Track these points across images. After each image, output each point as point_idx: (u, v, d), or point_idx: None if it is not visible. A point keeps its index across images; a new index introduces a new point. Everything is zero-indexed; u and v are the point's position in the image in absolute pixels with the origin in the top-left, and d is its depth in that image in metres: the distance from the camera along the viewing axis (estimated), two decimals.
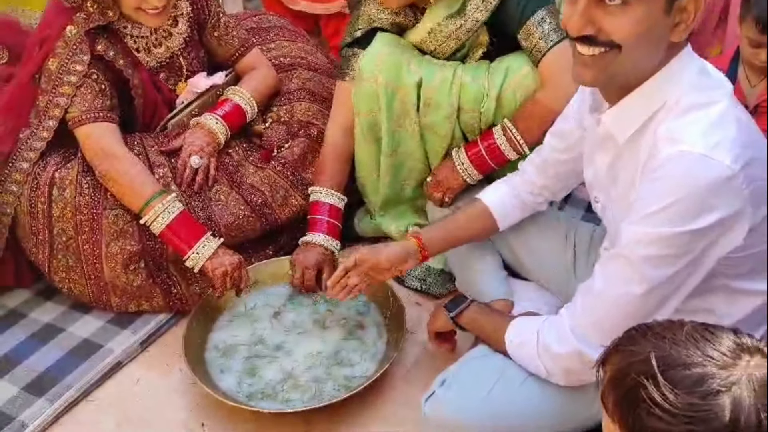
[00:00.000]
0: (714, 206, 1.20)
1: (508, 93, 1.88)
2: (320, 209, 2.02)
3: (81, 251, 1.91)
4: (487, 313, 1.61)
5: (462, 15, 1.89)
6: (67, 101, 1.89)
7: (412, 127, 1.98)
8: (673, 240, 1.23)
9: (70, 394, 1.77)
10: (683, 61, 1.27)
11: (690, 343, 0.92)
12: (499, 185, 1.80)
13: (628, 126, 1.31)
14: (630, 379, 0.91)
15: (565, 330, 1.38)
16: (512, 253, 1.90)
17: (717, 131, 1.21)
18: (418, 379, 1.78)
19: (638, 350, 0.93)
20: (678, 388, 0.87)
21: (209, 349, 1.87)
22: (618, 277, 1.31)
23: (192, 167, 1.98)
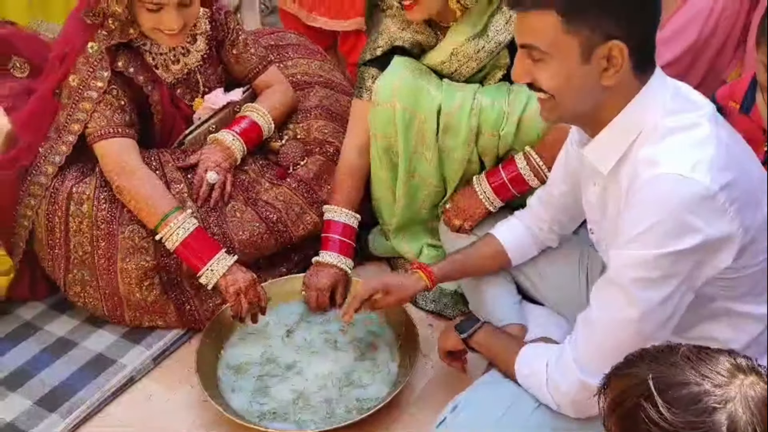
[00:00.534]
0: (696, 226, 1.22)
1: (530, 119, 1.86)
2: (334, 228, 2.02)
3: (96, 266, 1.92)
4: (499, 337, 1.61)
5: (484, 36, 1.89)
6: (86, 117, 1.91)
7: (430, 152, 1.97)
8: (659, 261, 1.24)
9: (83, 410, 1.78)
10: (654, 89, 1.30)
11: (686, 364, 0.94)
12: (513, 222, 1.81)
13: (609, 157, 1.34)
14: (629, 402, 0.94)
15: (569, 363, 1.38)
16: (526, 278, 1.89)
17: (695, 152, 1.23)
18: (430, 403, 1.78)
19: (636, 373, 0.96)
20: (675, 407, 0.90)
21: (221, 366, 1.87)
22: (612, 304, 1.32)
23: (209, 183, 1.98)
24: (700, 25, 2.50)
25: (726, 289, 1.35)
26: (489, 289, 1.88)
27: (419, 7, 1.84)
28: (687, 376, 0.93)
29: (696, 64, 2.54)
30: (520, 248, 1.81)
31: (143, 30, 1.91)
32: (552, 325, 1.83)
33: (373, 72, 2.00)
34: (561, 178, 1.67)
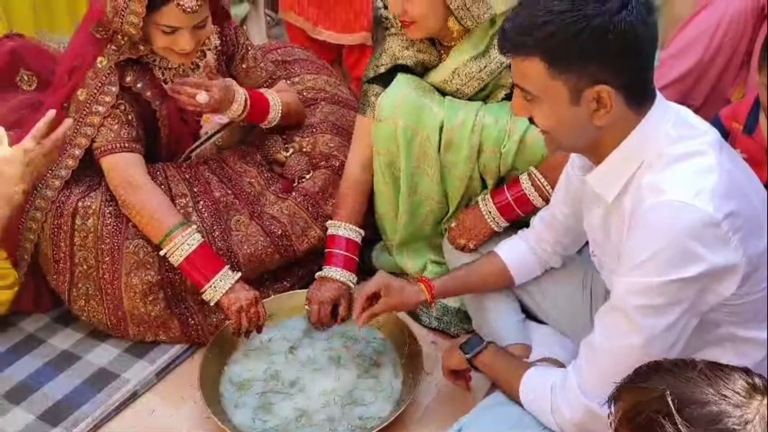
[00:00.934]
0: (700, 254, 1.22)
1: (533, 139, 1.87)
2: (337, 243, 2.03)
3: (101, 280, 1.93)
4: (503, 358, 1.61)
5: (486, 56, 1.90)
6: (93, 131, 1.92)
7: (432, 169, 1.98)
8: (663, 289, 1.25)
9: (86, 425, 1.77)
10: (655, 119, 1.31)
11: (703, 381, 0.95)
12: (516, 241, 1.81)
13: (612, 186, 1.35)
14: (644, 416, 0.94)
15: (573, 388, 1.39)
16: (530, 297, 1.89)
17: (699, 180, 1.24)
18: (434, 421, 1.78)
19: (651, 387, 0.96)
20: (694, 426, 0.91)
21: (224, 382, 1.87)
22: (615, 330, 1.33)
23: (198, 102, 1.93)
24: (705, 44, 2.52)
25: (730, 315, 1.36)
26: (492, 308, 1.88)
27: (417, 26, 1.86)
28: (706, 395, 0.93)
29: (700, 82, 2.56)
30: (523, 268, 1.81)
31: (155, 49, 1.92)
32: (555, 345, 1.83)
33: (377, 89, 2.01)
34: (563, 200, 1.68)
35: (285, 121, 2.18)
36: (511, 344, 1.77)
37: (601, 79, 1.24)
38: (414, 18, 1.83)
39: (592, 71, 1.24)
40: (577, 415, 1.38)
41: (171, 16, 1.80)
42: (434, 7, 1.82)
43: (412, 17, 1.83)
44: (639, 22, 1.22)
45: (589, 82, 1.25)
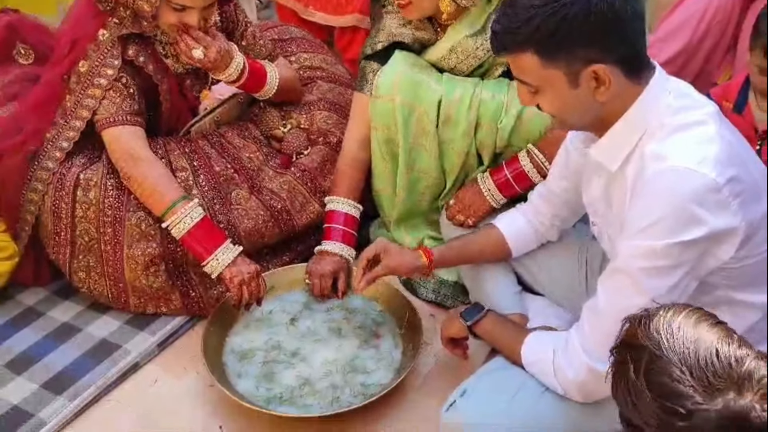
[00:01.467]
0: (702, 218, 1.27)
1: (529, 116, 1.91)
2: (336, 218, 2.05)
3: (102, 252, 1.94)
4: (503, 325, 1.65)
5: (483, 34, 1.93)
6: (95, 103, 1.92)
7: (430, 145, 2.01)
8: (667, 251, 1.29)
9: (89, 393, 1.79)
10: (656, 90, 1.35)
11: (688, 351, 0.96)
12: (515, 214, 1.86)
13: (617, 156, 1.39)
14: (625, 353, 1.01)
15: (577, 349, 1.43)
16: (526, 269, 1.94)
17: (701, 148, 1.29)
18: (433, 390, 1.82)
19: (646, 334, 1.00)
20: (653, 392, 0.95)
21: (226, 352, 1.89)
22: (619, 292, 1.37)
23: (193, 56, 1.93)
24: (693, 27, 2.57)
25: (728, 279, 1.41)
26: (489, 279, 1.92)
27: (412, 6, 1.89)
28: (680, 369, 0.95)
29: (688, 66, 2.61)
30: (521, 240, 1.85)
31: (160, 24, 1.92)
32: (552, 316, 1.88)
33: (375, 66, 2.03)
34: (561, 174, 1.72)
35: (282, 95, 2.19)
36: (509, 314, 1.81)
37: (594, 59, 1.29)
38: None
39: (582, 54, 1.29)
40: (581, 376, 1.42)
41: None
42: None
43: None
44: (618, 1, 1.26)
45: (583, 64, 1.29)
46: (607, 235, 1.55)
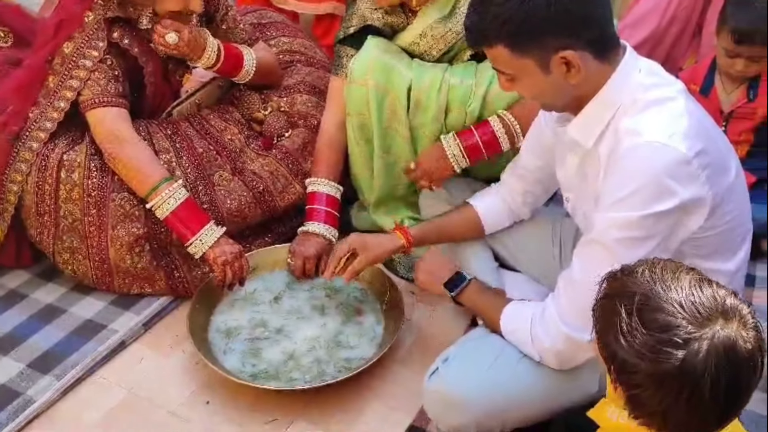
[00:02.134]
0: (673, 190, 1.34)
1: (494, 94, 1.95)
2: (318, 199, 2.09)
3: (87, 233, 1.96)
4: (485, 293, 1.71)
5: (452, 18, 1.98)
6: (79, 84, 1.94)
7: (402, 129, 2.05)
8: (641, 222, 1.36)
9: (77, 371, 1.81)
10: (626, 68, 1.42)
11: (675, 291, 1.03)
12: (489, 192, 1.91)
13: (591, 132, 1.45)
14: (612, 304, 1.06)
15: (554, 319, 1.49)
16: (502, 246, 1.99)
17: (672, 123, 1.36)
18: (415, 362, 1.87)
19: (629, 282, 1.07)
20: (645, 329, 1.01)
21: (212, 330, 1.93)
22: (594, 262, 1.42)
23: (167, 42, 1.96)
24: (660, 14, 2.67)
25: (695, 248, 1.48)
26: (467, 257, 1.97)
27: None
28: (669, 304, 1.02)
29: (655, 51, 2.70)
30: (494, 218, 1.91)
31: (159, 12, 1.94)
32: (529, 290, 1.93)
33: (349, 51, 2.08)
34: (534, 152, 1.78)
35: (261, 78, 2.22)
36: None
37: (562, 46, 1.35)
38: None
39: (550, 42, 1.35)
40: (557, 343, 1.48)
41: None
42: None
43: None
44: None
45: (551, 52, 1.35)
46: (582, 211, 1.60)
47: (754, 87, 2.18)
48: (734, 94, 2.21)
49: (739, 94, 2.20)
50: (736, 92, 2.21)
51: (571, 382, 1.56)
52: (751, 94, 2.18)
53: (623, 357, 1.03)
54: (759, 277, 2.15)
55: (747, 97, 2.19)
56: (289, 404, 1.77)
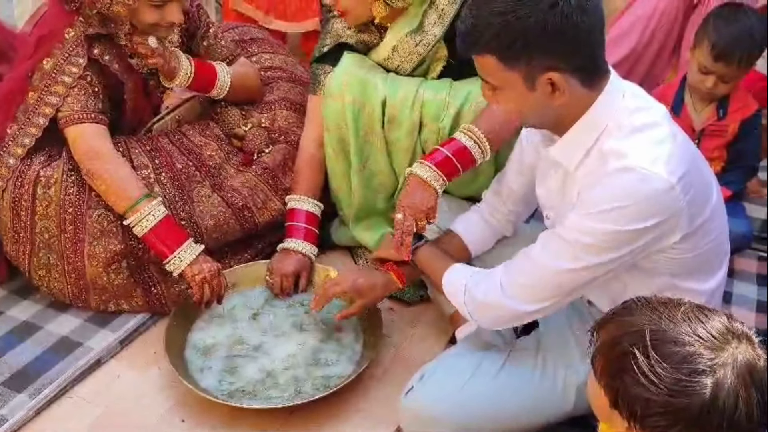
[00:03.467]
0: (653, 214, 1.35)
1: (468, 112, 1.96)
2: (298, 216, 2.09)
3: (63, 249, 1.94)
4: (437, 255, 1.75)
5: (421, 31, 2.00)
6: (59, 101, 1.93)
7: (379, 143, 2.07)
8: (614, 236, 1.37)
9: (51, 390, 1.79)
10: (611, 93, 1.42)
11: (684, 322, 1.01)
12: (470, 215, 1.92)
13: (574, 155, 1.46)
14: (622, 347, 1.01)
15: (496, 283, 1.52)
16: (482, 264, 1.99)
17: (657, 149, 1.37)
18: (393, 380, 1.86)
19: (633, 321, 1.03)
20: (666, 363, 0.97)
21: (189, 347, 1.91)
22: (554, 251, 1.45)
23: (149, 46, 1.96)
24: (640, 31, 2.70)
25: (672, 268, 1.49)
26: None
27: (349, 15, 1.98)
28: (683, 335, 0.98)
29: (636, 67, 2.73)
30: (478, 241, 1.91)
31: (139, 24, 1.93)
32: None
33: (326, 68, 2.10)
34: (518, 171, 1.80)
35: (239, 93, 2.22)
36: None
37: (551, 67, 1.35)
38: (345, 8, 1.96)
39: (540, 61, 1.35)
40: (490, 301, 1.51)
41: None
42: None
43: (344, 8, 1.96)
44: (576, 12, 1.31)
45: (539, 70, 1.36)
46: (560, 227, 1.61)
47: (724, 105, 2.20)
48: (704, 112, 2.23)
49: (710, 112, 2.22)
50: (706, 110, 2.23)
51: (546, 400, 1.56)
52: (721, 112, 2.20)
53: (648, 397, 0.97)
54: (736, 294, 2.17)
55: (717, 115, 2.21)
56: (267, 422, 1.76)
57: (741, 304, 2.13)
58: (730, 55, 2.08)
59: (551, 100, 1.39)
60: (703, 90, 2.17)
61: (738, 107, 2.20)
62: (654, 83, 2.75)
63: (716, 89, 2.15)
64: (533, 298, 1.48)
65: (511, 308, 1.49)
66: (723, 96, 2.19)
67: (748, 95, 2.24)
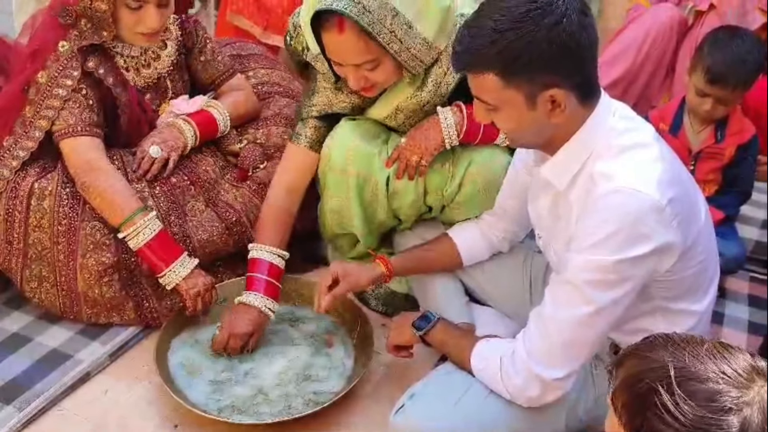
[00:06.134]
0: (647, 236, 1.35)
1: (471, 178, 1.92)
2: (260, 267, 1.93)
3: (56, 261, 1.94)
4: (454, 333, 1.70)
5: (424, 89, 1.88)
6: (54, 114, 1.93)
7: (382, 210, 2.02)
8: (616, 266, 1.37)
9: (39, 402, 1.78)
10: (601, 113, 1.43)
11: (708, 359, 0.98)
12: (469, 225, 1.93)
13: (564, 175, 1.46)
14: (645, 384, 0.97)
15: (523, 357, 1.48)
16: (473, 280, 2.00)
17: (646, 170, 1.37)
18: (384, 396, 1.86)
19: (656, 357, 1.00)
20: (692, 400, 0.94)
21: (179, 363, 1.90)
22: (566, 301, 1.43)
23: (150, 156, 2.00)
24: (634, 53, 2.72)
25: (664, 290, 1.49)
26: (438, 291, 1.98)
27: (377, 87, 1.83)
28: (707, 371, 0.96)
29: (630, 89, 2.75)
30: (472, 251, 1.93)
31: (120, 31, 1.94)
32: (499, 325, 1.94)
33: (313, 122, 2.00)
34: (511, 193, 1.82)
35: (238, 120, 2.23)
36: (458, 324, 1.87)
37: (552, 83, 1.35)
38: (378, 82, 1.80)
39: (542, 78, 1.35)
40: (527, 382, 1.48)
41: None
42: (393, 69, 1.79)
43: (374, 82, 1.80)
44: (578, 30, 1.32)
45: (541, 88, 1.35)
46: (553, 249, 1.61)
47: (722, 128, 2.21)
48: (702, 134, 2.24)
49: (708, 135, 2.23)
50: (704, 132, 2.24)
51: (538, 420, 1.55)
52: (719, 135, 2.21)
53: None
54: (728, 315, 2.17)
55: (715, 138, 2.22)
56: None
57: (733, 325, 2.14)
58: (724, 80, 2.10)
59: (550, 118, 1.39)
60: (701, 112, 2.19)
61: (736, 131, 2.21)
62: (648, 105, 2.77)
63: (714, 112, 2.16)
64: (560, 358, 1.44)
65: (545, 378, 1.45)
66: (722, 119, 2.21)
67: (746, 120, 2.25)
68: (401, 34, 1.70)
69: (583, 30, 1.33)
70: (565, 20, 1.30)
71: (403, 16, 1.69)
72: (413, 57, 1.76)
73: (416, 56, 1.77)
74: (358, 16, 1.64)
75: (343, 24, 1.67)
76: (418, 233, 2.09)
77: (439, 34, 1.78)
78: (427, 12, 1.74)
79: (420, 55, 1.77)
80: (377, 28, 1.67)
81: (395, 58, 1.74)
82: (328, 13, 1.67)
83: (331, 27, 1.69)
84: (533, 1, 1.31)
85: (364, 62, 1.74)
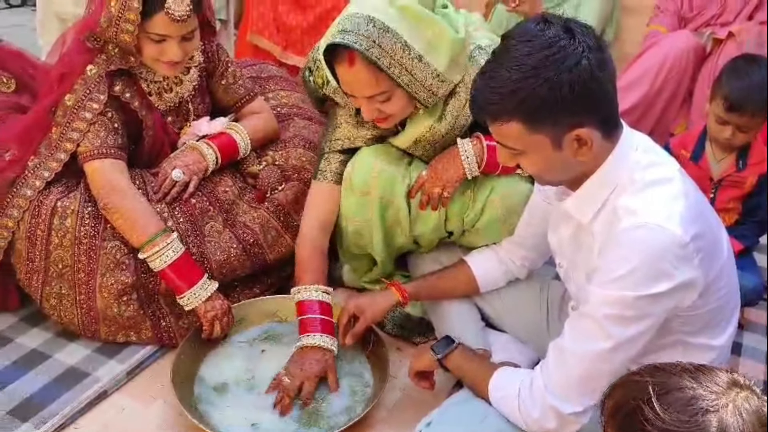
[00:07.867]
0: (669, 273, 1.35)
1: (492, 206, 1.94)
2: (310, 308, 1.92)
3: (76, 280, 1.96)
4: (472, 359, 1.70)
5: (443, 121, 1.89)
6: (80, 136, 1.97)
7: (404, 232, 2.03)
8: (635, 302, 1.36)
9: (56, 421, 1.79)
10: (625, 147, 1.43)
11: (685, 374, 1.04)
12: (487, 252, 1.93)
13: (588, 209, 1.47)
14: (629, 406, 1.02)
15: (541, 390, 1.48)
16: (488, 304, 2.01)
17: (670, 205, 1.37)
18: (399, 422, 1.85)
19: (638, 380, 1.05)
20: (672, 409, 0.99)
21: (196, 383, 1.91)
22: (586, 336, 1.43)
23: (172, 179, 2.03)
24: (651, 79, 2.73)
25: (683, 325, 1.49)
26: (454, 316, 1.98)
27: (391, 119, 1.85)
28: (683, 382, 1.02)
29: (647, 115, 2.75)
30: (489, 277, 1.93)
31: (143, 59, 1.98)
32: (514, 351, 1.94)
33: (337, 157, 2.02)
34: (529, 223, 1.82)
35: (258, 143, 2.26)
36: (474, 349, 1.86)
37: (577, 124, 1.35)
38: (391, 114, 1.82)
39: (566, 120, 1.35)
40: (545, 416, 1.47)
41: (160, 25, 1.88)
42: (407, 101, 1.80)
43: (388, 114, 1.81)
44: (596, 68, 1.32)
45: (566, 129, 1.35)
46: (574, 280, 1.61)
47: (744, 156, 2.21)
48: (724, 162, 2.23)
49: (729, 163, 2.22)
50: (726, 160, 2.23)
51: None
52: (741, 163, 2.21)
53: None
54: (746, 346, 2.16)
55: (736, 166, 2.21)
56: None
57: (751, 356, 2.12)
58: (743, 108, 2.10)
59: (578, 157, 1.39)
60: (722, 140, 2.19)
61: (758, 160, 2.21)
62: (665, 131, 2.77)
63: (735, 139, 2.16)
64: (578, 392, 1.44)
65: (562, 411, 1.45)
66: (743, 147, 2.20)
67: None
68: (411, 67, 1.72)
69: (601, 66, 1.33)
70: (583, 61, 1.30)
71: (414, 49, 1.71)
72: (424, 89, 1.77)
73: (428, 89, 1.77)
74: (367, 50, 1.67)
75: (354, 58, 1.70)
76: (434, 256, 2.11)
77: (451, 67, 1.79)
78: (439, 45, 1.75)
79: (432, 87, 1.78)
80: (386, 62, 1.69)
81: (407, 90, 1.76)
82: (340, 46, 1.69)
83: (342, 60, 1.72)
84: (549, 45, 1.31)
85: (376, 94, 1.76)
